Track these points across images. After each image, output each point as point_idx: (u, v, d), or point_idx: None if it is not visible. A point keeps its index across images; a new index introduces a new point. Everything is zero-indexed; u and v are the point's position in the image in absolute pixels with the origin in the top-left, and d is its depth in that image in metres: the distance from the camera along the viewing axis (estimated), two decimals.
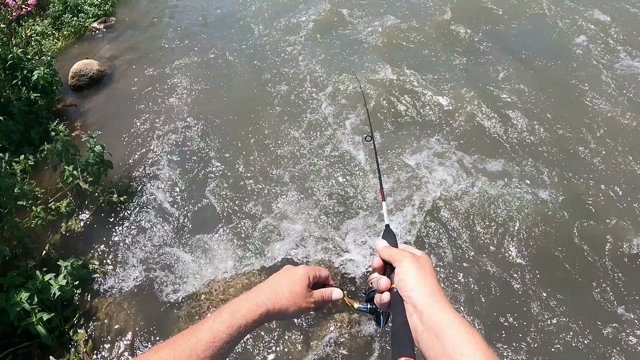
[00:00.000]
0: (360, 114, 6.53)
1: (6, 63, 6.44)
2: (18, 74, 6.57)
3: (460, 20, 8.37)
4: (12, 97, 6.32)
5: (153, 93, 7.41)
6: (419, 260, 1.10)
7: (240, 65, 7.96)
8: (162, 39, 9.04)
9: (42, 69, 6.65)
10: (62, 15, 9.84)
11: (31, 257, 4.57)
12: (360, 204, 5.39)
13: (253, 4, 10.00)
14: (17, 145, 5.90)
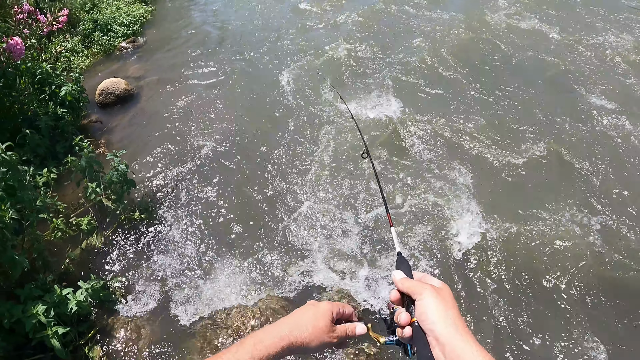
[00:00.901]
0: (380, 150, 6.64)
1: (35, 77, 6.65)
2: (46, 89, 6.77)
3: (468, 50, 8.52)
4: (39, 111, 6.52)
5: (177, 114, 7.57)
6: (440, 293, 1.11)
7: (266, 90, 8.12)
8: (189, 61, 9.26)
9: (70, 85, 6.86)
10: (91, 33, 10.18)
11: (50, 271, 4.65)
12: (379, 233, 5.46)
13: (282, 27, 10.29)
14: (42, 159, 6.06)
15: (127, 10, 11.22)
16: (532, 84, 7.95)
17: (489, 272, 5.01)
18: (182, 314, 4.68)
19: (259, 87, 8.22)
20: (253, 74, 8.68)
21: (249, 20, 11.03)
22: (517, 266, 5.07)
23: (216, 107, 7.71)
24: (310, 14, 10.88)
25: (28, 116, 6.36)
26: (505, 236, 5.35)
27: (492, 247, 5.25)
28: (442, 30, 9.60)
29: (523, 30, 9.56)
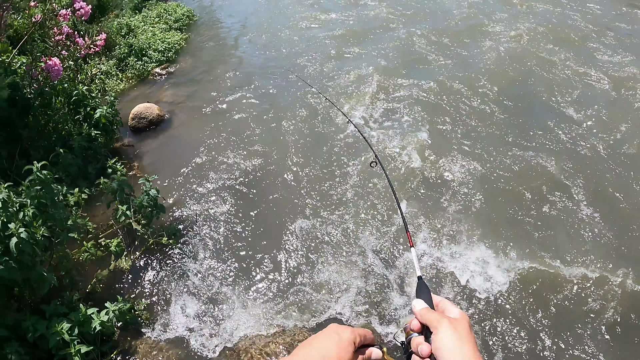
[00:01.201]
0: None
1: (71, 98, 6.77)
2: (81, 110, 6.87)
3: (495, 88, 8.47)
4: (73, 132, 6.61)
5: (208, 142, 7.62)
6: (457, 327, 1.12)
7: (296, 119, 8.16)
8: (221, 88, 9.38)
9: (104, 108, 6.96)
10: (127, 58, 10.40)
11: (77, 289, 4.65)
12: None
13: (317, 55, 10.40)
14: (73, 179, 6.11)
15: (162, 37, 11.47)
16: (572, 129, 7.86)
17: (512, 308, 4.89)
18: (205, 342, 4.62)
19: (289, 115, 8.25)
20: (283, 103, 8.74)
21: (281, 49, 11.19)
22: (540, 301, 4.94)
23: (246, 135, 7.74)
24: (343, 41, 10.97)
25: (62, 135, 6.45)
26: (525, 272, 5.27)
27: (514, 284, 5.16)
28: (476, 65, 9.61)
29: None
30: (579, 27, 11.10)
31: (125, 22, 11.88)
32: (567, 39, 10.57)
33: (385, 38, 11.14)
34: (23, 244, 3.60)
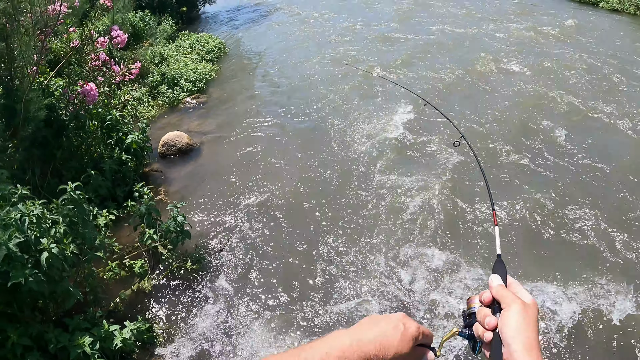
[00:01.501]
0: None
1: (104, 123, 6.98)
2: (114, 135, 7.07)
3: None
4: (105, 155, 6.78)
5: (235, 172, 7.74)
6: (527, 310, 1.13)
7: (323, 151, 8.26)
8: (249, 120, 9.57)
9: (136, 134, 7.16)
10: (159, 86, 10.70)
11: (100, 306, 4.72)
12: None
13: (344, 86, 10.58)
14: (102, 200, 6.26)
15: (194, 67, 11.78)
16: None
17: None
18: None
19: (316, 147, 8.36)
20: (311, 135, 8.88)
21: (309, 81, 11.45)
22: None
23: (273, 166, 7.86)
24: (371, 76, 11.14)
25: (94, 158, 6.62)
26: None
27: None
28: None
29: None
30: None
31: (159, 51, 12.25)
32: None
33: (417, 75, 11.30)
34: (53, 259, 3.69)
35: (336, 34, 15.51)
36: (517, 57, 12.14)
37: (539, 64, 11.63)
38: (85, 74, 6.81)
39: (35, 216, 3.82)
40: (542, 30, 14.41)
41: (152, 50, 12.16)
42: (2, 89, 5.23)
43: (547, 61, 11.77)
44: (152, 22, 14.38)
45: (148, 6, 16.22)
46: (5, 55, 5.17)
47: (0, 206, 3.67)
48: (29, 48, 5.13)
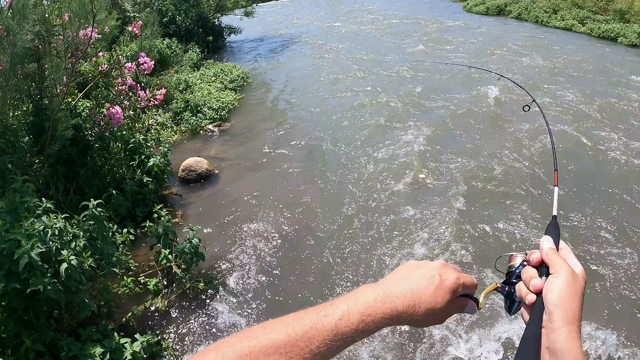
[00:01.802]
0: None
1: (128, 145, 7.23)
2: (136, 157, 7.32)
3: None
4: (127, 176, 7.02)
5: (252, 199, 7.91)
6: (575, 280, 1.07)
7: (341, 182, 8.38)
8: (269, 150, 9.78)
9: (158, 158, 7.40)
10: (182, 112, 11.01)
11: (112, 320, 4.87)
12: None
13: (362, 116, 10.76)
14: (122, 219, 6.46)
15: (217, 95, 12.10)
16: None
17: None
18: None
19: (334, 176, 8.51)
20: (328, 164, 9.03)
21: (327, 111, 11.72)
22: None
23: (290, 194, 8.01)
24: (393, 111, 11.33)
25: (116, 178, 6.86)
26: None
27: None
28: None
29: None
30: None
31: (184, 78, 12.62)
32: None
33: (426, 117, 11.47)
34: (72, 270, 3.86)
35: (355, 65, 15.86)
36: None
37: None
38: (112, 97, 7.09)
39: (58, 229, 4.01)
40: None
41: (178, 77, 12.53)
42: (32, 107, 5.51)
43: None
44: (179, 49, 14.84)
45: (175, 34, 16.76)
46: (37, 75, 5.45)
47: (25, 217, 3.87)
48: (59, 70, 5.40)
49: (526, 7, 25.97)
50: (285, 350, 0.87)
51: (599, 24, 20.47)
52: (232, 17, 24.52)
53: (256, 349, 0.85)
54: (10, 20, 4.24)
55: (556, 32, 21.15)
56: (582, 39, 19.60)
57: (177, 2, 18.53)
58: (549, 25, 22.92)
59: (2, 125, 4.77)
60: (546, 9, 24.55)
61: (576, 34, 20.61)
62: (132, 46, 7.73)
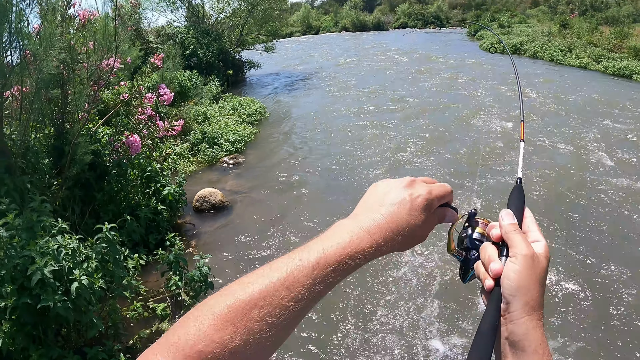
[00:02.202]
0: None
1: (144, 173, 7.39)
2: (152, 185, 7.48)
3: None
4: (142, 203, 7.15)
5: (264, 232, 7.98)
6: (536, 264, 0.97)
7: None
8: (283, 185, 9.92)
9: (173, 187, 7.56)
10: (200, 144, 11.23)
11: (119, 341, 4.93)
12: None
13: (376, 154, 10.86)
14: (134, 244, 6.56)
15: (235, 129, 12.34)
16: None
17: None
18: None
19: (347, 212, 8.55)
20: (342, 201, 9.11)
21: (342, 147, 11.87)
22: None
23: (302, 230, 8.08)
24: (408, 143, 11.45)
25: (131, 204, 6.99)
26: None
27: None
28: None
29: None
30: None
31: (202, 110, 12.90)
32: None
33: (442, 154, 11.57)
34: (82, 290, 3.96)
35: (370, 101, 16.11)
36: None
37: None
38: (132, 125, 7.28)
39: (71, 249, 4.13)
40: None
41: (197, 109, 12.81)
42: (54, 130, 5.70)
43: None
44: (199, 82, 15.20)
45: (196, 67, 17.19)
46: (60, 100, 5.66)
47: (40, 235, 3.99)
48: (81, 96, 5.60)
49: (541, 45, 26.57)
50: (266, 302, 0.83)
51: (614, 62, 20.93)
52: (252, 52, 25.10)
53: (235, 306, 0.81)
54: (37, 46, 4.45)
55: (571, 70, 21.42)
56: (596, 76, 19.88)
57: (199, 35, 19.08)
58: (564, 63, 23.36)
59: (24, 147, 4.95)
60: (561, 47, 25.03)
61: (591, 72, 20.90)
62: (153, 77, 7.96)
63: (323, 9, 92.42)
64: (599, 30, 27.73)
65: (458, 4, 75.78)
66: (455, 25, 60.93)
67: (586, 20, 34.18)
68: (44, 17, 4.70)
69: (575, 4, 48.05)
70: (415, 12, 68.38)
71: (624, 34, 24.68)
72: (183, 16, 24.29)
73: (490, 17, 47.26)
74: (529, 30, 34.18)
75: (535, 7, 60.00)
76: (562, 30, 29.72)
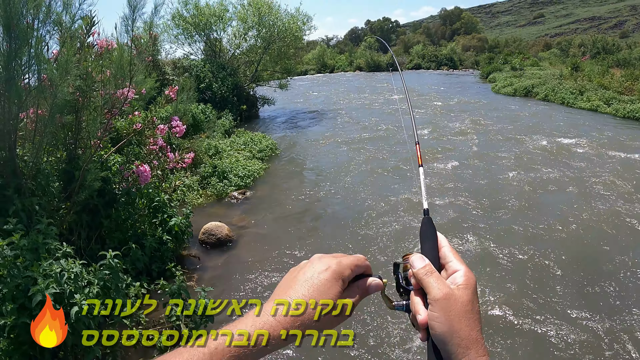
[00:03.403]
0: None
1: (152, 203, 7.47)
2: (159, 216, 7.54)
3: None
4: (148, 232, 7.20)
5: (269, 269, 7.96)
6: (455, 303, 0.95)
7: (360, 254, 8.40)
8: (290, 223, 9.91)
9: (179, 218, 7.60)
10: (209, 177, 11.34)
11: None
12: None
13: (384, 199, 10.87)
14: (138, 273, 6.59)
15: (245, 164, 12.45)
16: None
17: None
18: None
19: (351, 252, 8.55)
20: (346, 242, 9.09)
21: (351, 189, 11.92)
22: None
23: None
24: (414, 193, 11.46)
25: (137, 233, 7.05)
26: None
27: None
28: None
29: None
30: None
31: (214, 144, 13.06)
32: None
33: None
34: (82, 315, 3.99)
35: (383, 147, 16.20)
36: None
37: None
38: (143, 155, 7.38)
39: (74, 273, 4.18)
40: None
41: (208, 143, 12.97)
42: (65, 155, 5.81)
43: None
44: (213, 115, 15.42)
45: (211, 100, 17.47)
46: (73, 125, 5.77)
47: (45, 258, 4.05)
48: (95, 123, 5.72)
49: (553, 88, 26.87)
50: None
51: (624, 104, 21.14)
52: (267, 88, 25.45)
53: None
54: (54, 71, 4.58)
55: (581, 113, 21.60)
56: (607, 119, 20.04)
57: (215, 70, 19.42)
58: (575, 106, 23.55)
59: (35, 169, 5.05)
60: (572, 90, 25.26)
61: (601, 115, 21.06)
62: (167, 108, 8.10)
63: (338, 48, 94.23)
64: (610, 73, 28.18)
65: (471, 46, 76.85)
66: (468, 68, 61.83)
67: (597, 63, 34.76)
68: (63, 43, 4.84)
69: (587, 47, 48.60)
70: (429, 53, 69.34)
71: (634, 77, 25.05)
72: (200, 49, 24.95)
73: (503, 60, 47.86)
74: (540, 73, 34.73)
75: (548, 50, 60.79)
76: (574, 73, 30.15)
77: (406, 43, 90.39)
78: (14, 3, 4.04)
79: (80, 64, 5.13)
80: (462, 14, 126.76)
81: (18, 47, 4.21)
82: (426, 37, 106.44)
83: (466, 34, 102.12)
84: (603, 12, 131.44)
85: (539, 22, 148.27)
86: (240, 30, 24.30)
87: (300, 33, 24.82)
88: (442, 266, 1.04)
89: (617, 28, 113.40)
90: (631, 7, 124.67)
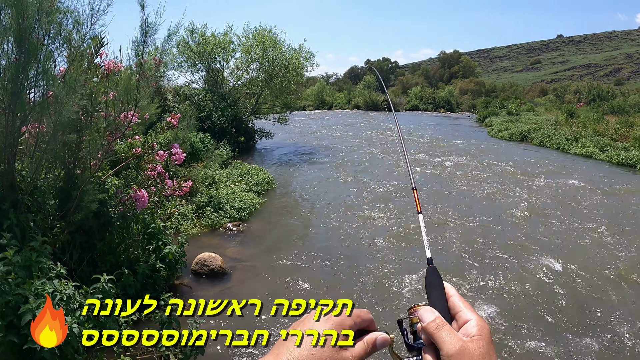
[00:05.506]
0: None
1: (147, 229, 7.39)
2: (153, 242, 7.45)
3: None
4: (141, 259, 7.10)
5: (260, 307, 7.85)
6: (469, 355, 0.91)
7: (354, 294, 8.32)
8: (283, 257, 9.78)
9: (174, 247, 7.52)
10: (205, 207, 11.26)
11: None
12: None
13: (381, 235, 10.80)
14: (129, 299, 6.48)
15: (241, 196, 12.39)
16: None
17: None
18: None
19: (345, 289, 8.45)
20: (340, 278, 9.00)
21: (346, 226, 11.83)
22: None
23: (299, 307, 7.91)
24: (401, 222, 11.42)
25: (130, 258, 6.94)
26: None
27: None
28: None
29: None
30: None
31: (211, 174, 13.02)
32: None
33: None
34: (71, 337, 3.88)
35: (376, 180, 16.23)
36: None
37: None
38: (140, 180, 7.33)
39: (66, 295, 4.08)
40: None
41: (205, 172, 12.93)
42: (64, 173, 5.74)
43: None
44: (211, 145, 15.41)
45: (210, 129, 17.51)
46: (74, 145, 5.72)
47: (37, 276, 3.95)
48: (96, 144, 5.69)
49: (548, 134, 27.16)
50: None
51: (619, 151, 21.39)
52: (266, 122, 25.57)
53: None
54: (60, 89, 4.55)
55: (576, 159, 21.75)
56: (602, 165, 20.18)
57: (215, 99, 19.52)
58: (570, 152, 23.77)
59: (32, 185, 4.99)
60: (567, 136, 25.54)
61: (596, 161, 21.21)
62: (167, 134, 8.08)
63: (337, 85, 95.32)
64: (605, 120, 28.70)
65: (468, 89, 77.79)
66: (465, 111, 62.54)
67: (593, 109, 35.41)
68: (72, 61, 4.83)
69: (583, 93, 49.45)
70: (426, 95, 70.02)
71: (629, 124, 25.51)
72: (202, 78, 25.19)
73: (500, 104, 48.45)
74: (536, 119, 35.22)
75: (544, 96, 61.64)
76: (569, 119, 30.55)
77: (404, 84, 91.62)
78: (28, 17, 4.03)
79: (86, 83, 5.12)
80: (461, 58, 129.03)
81: (27, 60, 4.19)
82: (424, 78, 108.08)
83: (464, 77, 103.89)
84: (599, 60, 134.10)
85: (536, 68, 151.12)
86: (243, 62, 24.59)
87: (302, 69, 25.10)
88: (452, 317, 1.01)
89: (612, 75, 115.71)
90: (626, 55, 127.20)
